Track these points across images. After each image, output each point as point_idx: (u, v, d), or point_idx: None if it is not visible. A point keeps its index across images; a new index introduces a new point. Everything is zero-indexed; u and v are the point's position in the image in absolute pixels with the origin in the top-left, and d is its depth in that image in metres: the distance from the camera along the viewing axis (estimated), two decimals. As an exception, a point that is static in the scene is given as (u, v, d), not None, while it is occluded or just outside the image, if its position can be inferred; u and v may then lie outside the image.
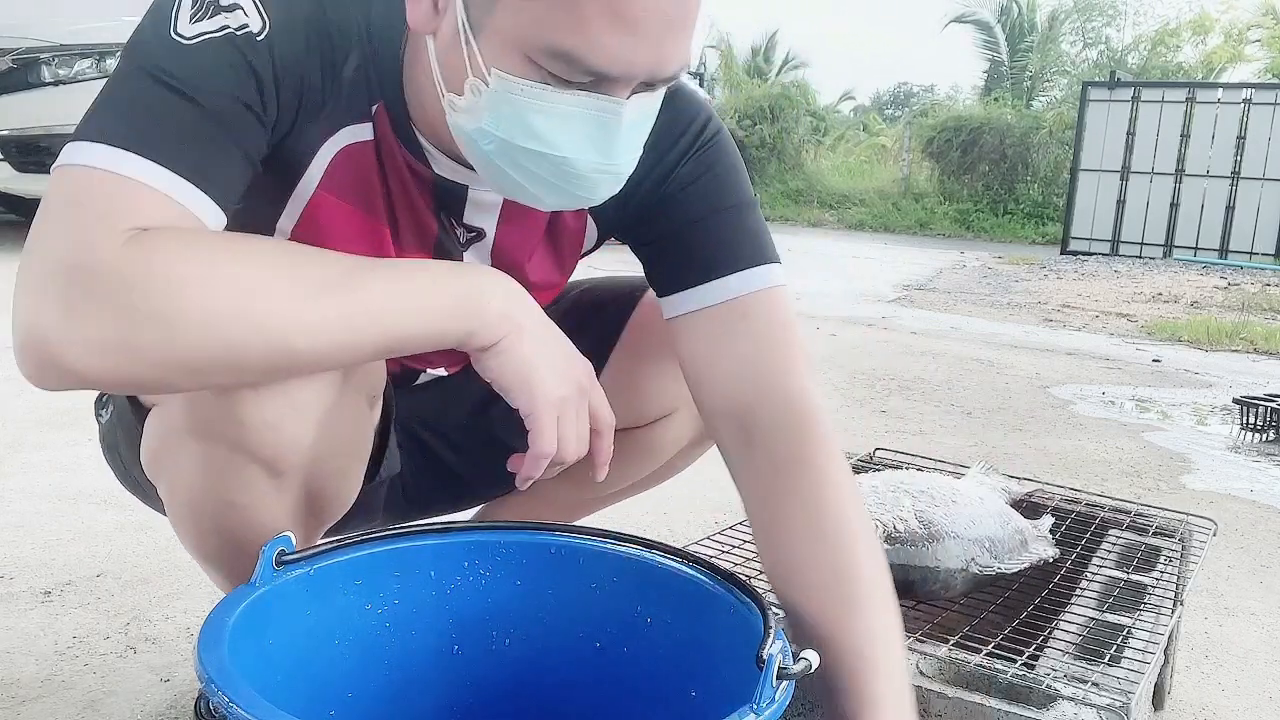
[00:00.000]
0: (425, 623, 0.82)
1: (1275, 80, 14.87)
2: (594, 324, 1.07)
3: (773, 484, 0.85)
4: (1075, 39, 19.57)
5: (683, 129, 0.89)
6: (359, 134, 0.81)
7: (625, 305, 1.09)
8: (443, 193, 0.86)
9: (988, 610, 1.05)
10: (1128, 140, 10.23)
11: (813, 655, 0.64)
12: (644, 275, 0.96)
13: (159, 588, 1.42)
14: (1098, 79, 12.11)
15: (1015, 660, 0.91)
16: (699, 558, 0.81)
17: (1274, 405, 2.90)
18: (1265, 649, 1.51)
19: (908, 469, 1.32)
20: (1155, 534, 1.28)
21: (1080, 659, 0.94)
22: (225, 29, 0.72)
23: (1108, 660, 0.93)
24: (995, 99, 16.85)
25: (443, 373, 1.05)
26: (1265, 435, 2.90)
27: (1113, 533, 1.28)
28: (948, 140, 14.40)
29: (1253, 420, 2.94)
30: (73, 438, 2.04)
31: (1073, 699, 0.84)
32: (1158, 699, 1.26)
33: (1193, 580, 1.15)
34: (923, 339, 4.33)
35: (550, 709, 0.86)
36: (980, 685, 0.87)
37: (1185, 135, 10.03)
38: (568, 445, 0.80)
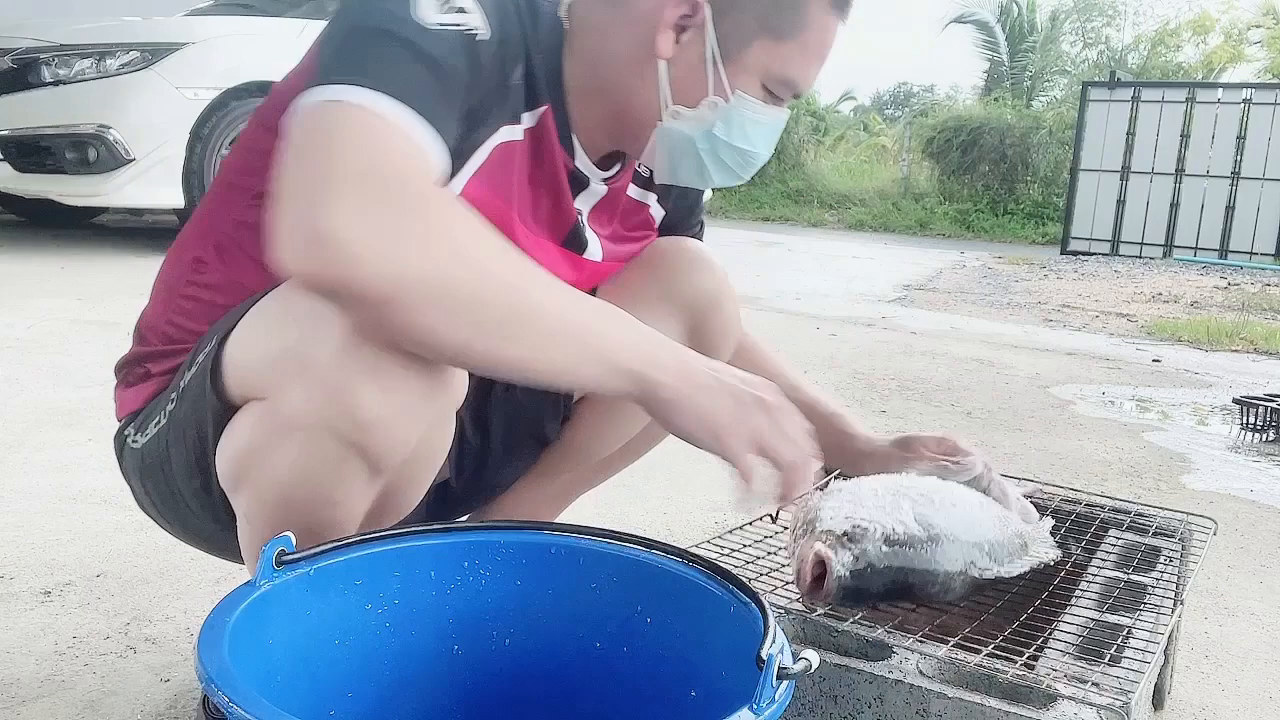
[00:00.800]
0: (425, 623, 0.82)
1: (1275, 80, 14.88)
2: None
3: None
4: (1075, 39, 19.58)
5: None
6: (511, 134, 0.94)
7: None
8: (575, 184, 1.03)
9: (988, 612, 1.05)
10: (1128, 140, 10.23)
11: (813, 655, 0.64)
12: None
13: (159, 588, 1.42)
14: (1098, 79, 12.13)
15: (1015, 660, 0.91)
16: (699, 557, 0.81)
17: (1274, 405, 2.90)
18: (1265, 649, 1.52)
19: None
20: (1155, 534, 1.28)
21: (1080, 659, 0.94)
22: (460, 27, 0.84)
23: (1108, 660, 0.93)
24: (995, 99, 16.85)
25: None
26: (1265, 435, 2.90)
27: (1113, 533, 1.28)
28: (948, 140, 14.40)
29: (1253, 420, 2.95)
30: (73, 438, 2.04)
31: (1073, 699, 0.84)
32: (1158, 699, 1.26)
33: (1193, 580, 1.15)
34: (923, 339, 4.33)
35: (550, 709, 0.86)
36: (980, 685, 0.87)
37: (1185, 135, 10.04)
38: (781, 454, 0.83)
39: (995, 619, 1.03)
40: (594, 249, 1.09)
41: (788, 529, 1.10)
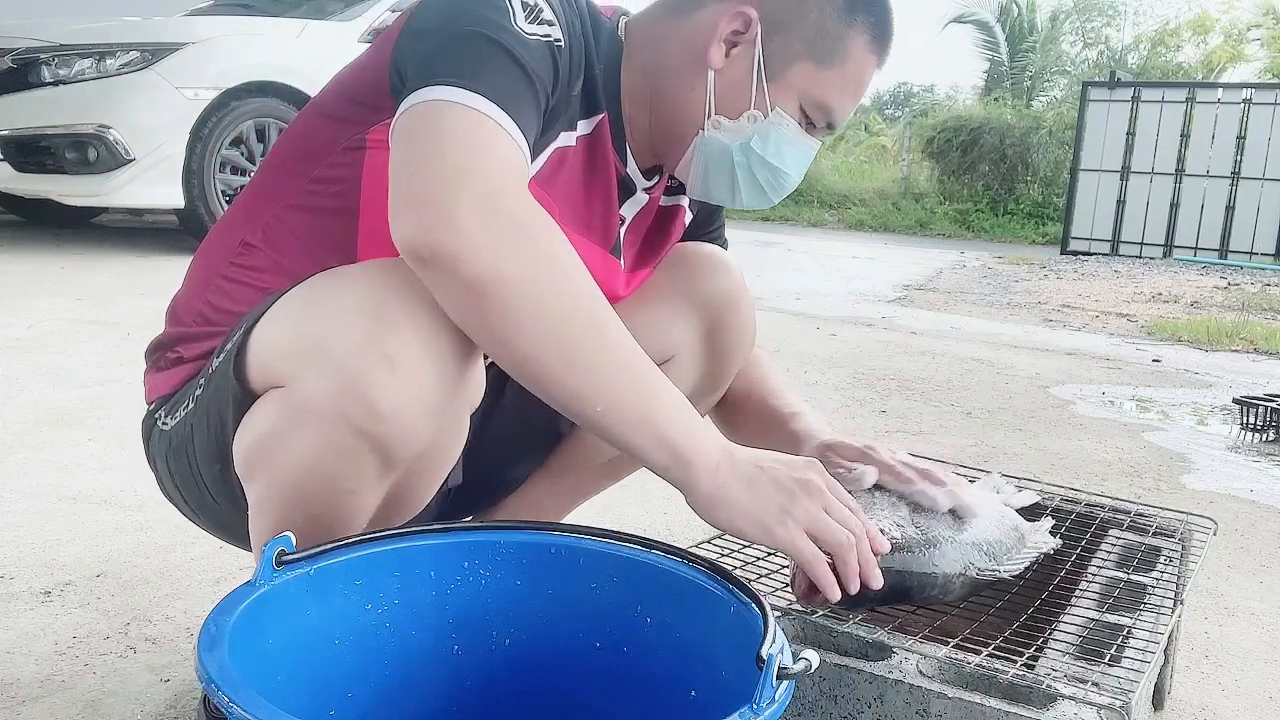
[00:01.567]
0: (425, 623, 0.82)
1: (1275, 80, 14.87)
2: None
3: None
4: (1075, 39, 19.57)
5: None
6: (567, 140, 0.98)
7: None
8: (624, 190, 1.07)
9: (988, 612, 1.05)
10: (1128, 140, 10.23)
11: (813, 655, 0.64)
12: None
13: (159, 588, 1.42)
14: (1098, 79, 12.12)
15: (1015, 661, 0.91)
16: (699, 557, 0.81)
17: (1274, 405, 2.90)
18: (1265, 649, 1.52)
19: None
20: (1155, 534, 1.28)
21: (1080, 659, 0.94)
22: (548, 38, 0.89)
23: (1108, 660, 0.93)
24: (995, 99, 16.85)
25: None
26: (1265, 435, 2.90)
27: (1113, 533, 1.28)
28: (948, 140, 14.39)
29: (1253, 420, 2.94)
30: (73, 438, 2.04)
31: (1073, 699, 0.84)
32: (1158, 699, 1.26)
33: (1193, 580, 1.15)
34: (923, 339, 4.33)
35: (550, 709, 0.86)
36: (980, 686, 0.87)
37: (1185, 135, 10.03)
38: (831, 537, 0.86)
39: (995, 619, 1.03)
40: (622, 258, 1.11)
41: None
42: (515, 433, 1.16)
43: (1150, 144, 10.14)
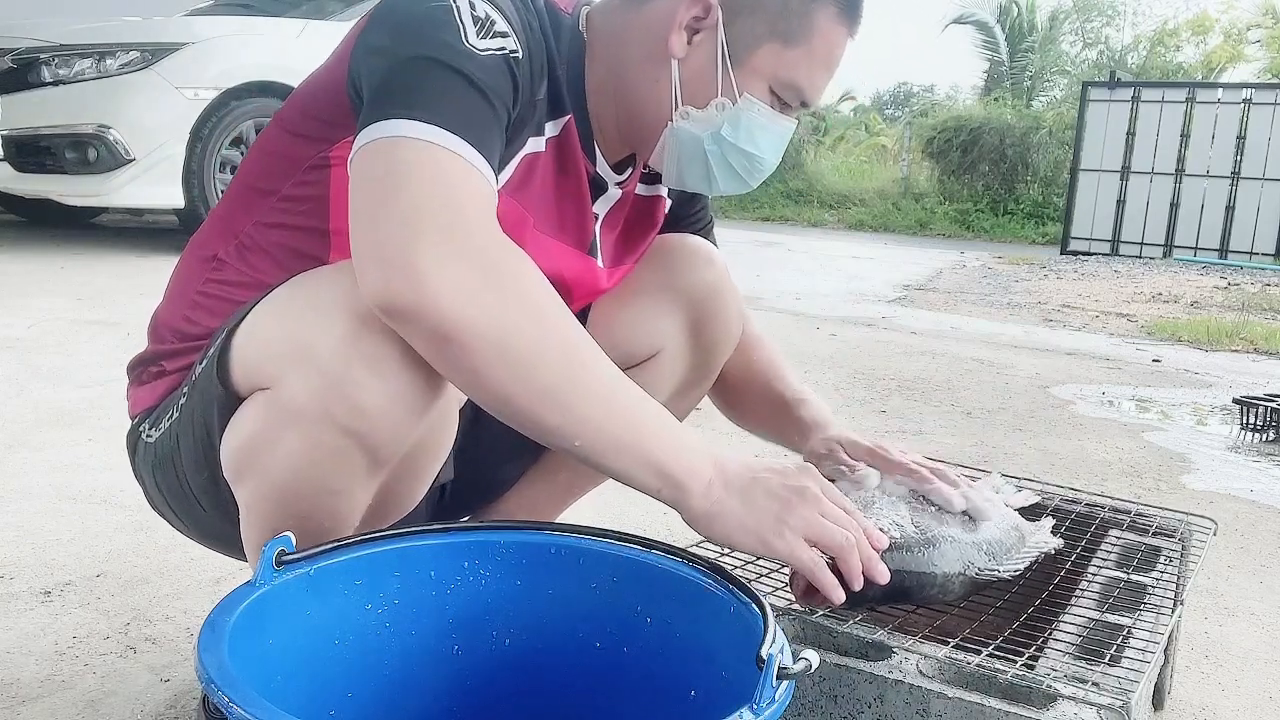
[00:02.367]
0: (425, 623, 0.82)
1: (1275, 80, 14.87)
2: None
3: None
4: (1075, 39, 19.57)
5: None
6: (536, 145, 0.97)
7: None
8: (595, 189, 1.05)
9: (988, 612, 1.05)
10: (1128, 140, 10.22)
11: (813, 655, 0.64)
12: None
13: (159, 588, 1.42)
14: (1098, 79, 12.12)
15: (1015, 661, 0.91)
16: (699, 557, 0.81)
17: (1274, 405, 2.90)
18: (1265, 649, 1.51)
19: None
20: (1155, 534, 1.28)
21: (1080, 659, 0.94)
22: (503, 51, 0.86)
23: (1108, 660, 0.93)
24: (995, 99, 16.84)
25: None
26: (1265, 435, 2.90)
27: (1113, 533, 1.28)
28: (948, 140, 14.38)
29: (1253, 420, 2.94)
30: (73, 438, 2.04)
31: (1073, 699, 0.84)
32: (1158, 699, 1.26)
33: (1193, 580, 1.15)
34: (923, 339, 4.33)
35: (550, 709, 0.86)
36: (980, 686, 0.87)
37: (1185, 135, 10.03)
38: (831, 540, 0.85)
39: (995, 619, 1.03)
40: (599, 255, 1.10)
41: None
42: (507, 430, 1.16)
43: (1150, 144, 10.13)
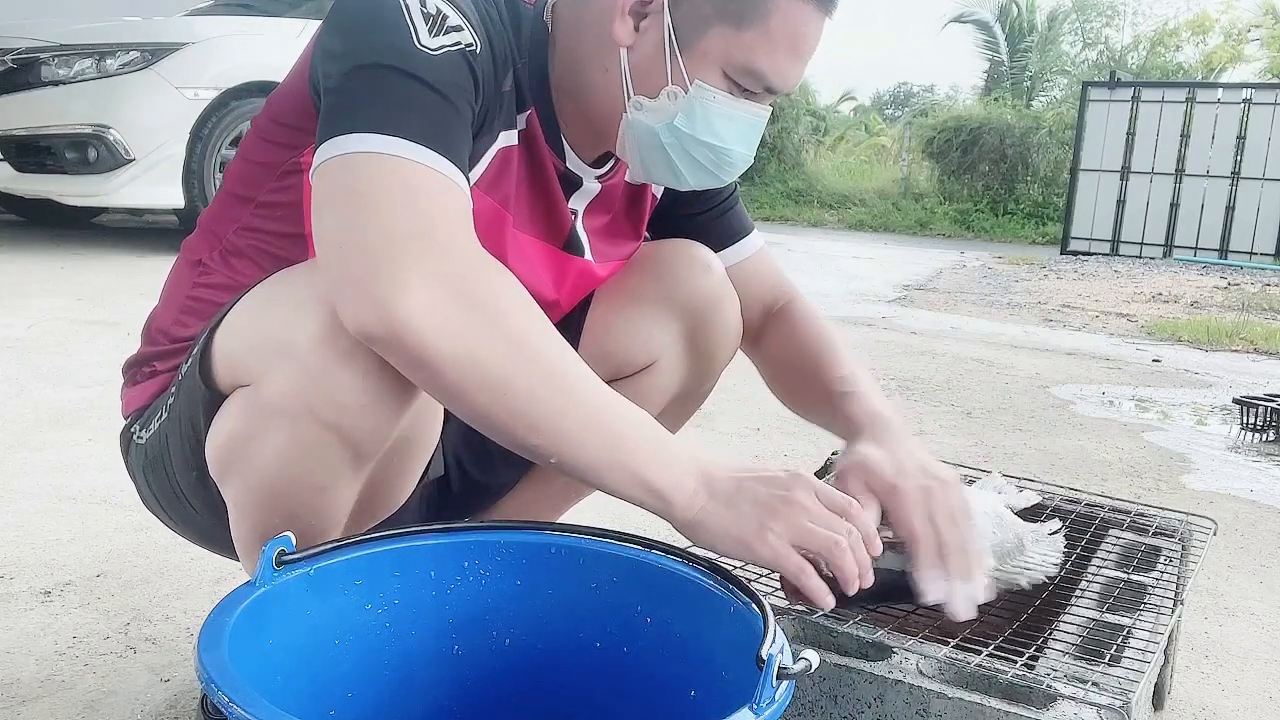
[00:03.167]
0: (425, 623, 0.82)
1: (1275, 80, 14.87)
2: None
3: (779, 325, 1.19)
4: (1075, 39, 19.57)
5: None
6: (509, 139, 0.94)
7: None
8: (567, 184, 1.02)
9: (988, 612, 1.05)
10: (1128, 140, 10.23)
11: (813, 655, 0.64)
12: None
13: (159, 588, 1.42)
14: (1098, 79, 12.12)
15: (1015, 660, 0.91)
16: (699, 557, 0.81)
17: (1274, 405, 2.90)
18: (1265, 649, 1.51)
19: None
20: (1155, 534, 1.28)
21: (1080, 659, 0.94)
22: (458, 45, 0.83)
23: (1108, 660, 0.93)
24: (995, 99, 16.85)
25: None
26: (1265, 435, 2.90)
27: (1113, 533, 1.28)
28: (948, 140, 14.39)
29: (1253, 420, 2.94)
30: (73, 438, 2.04)
31: (1073, 699, 0.84)
32: (1158, 699, 1.26)
33: (1193, 580, 1.15)
34: (923, 339, 4.33)
35: (550, 709, 0.86)
36: (980, 685, 0.87)
37: (1185, 135, 10.03)
38: (818, 544, 0.84)
39: (995, 619, 1.03)
40: (586, 250, 1.08)
41: None
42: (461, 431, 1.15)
43: (1150, 144, 10.14)
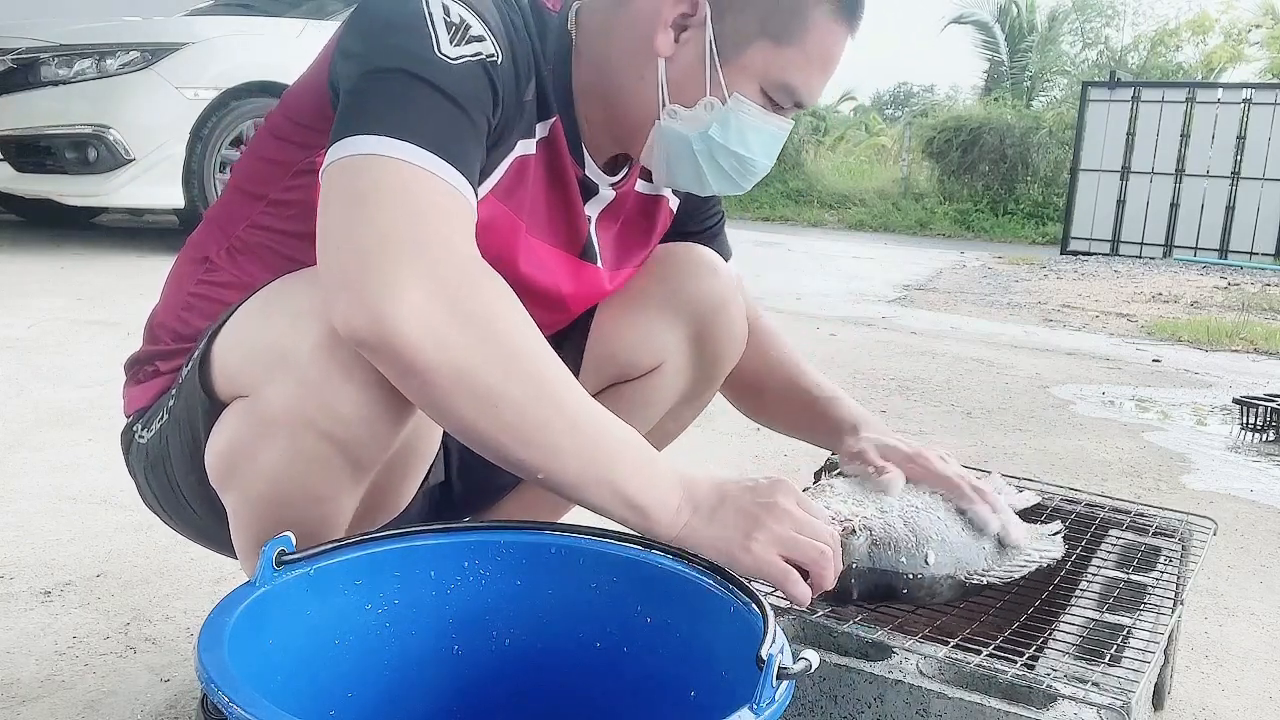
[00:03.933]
0: (425, 623, 0.82)
1: (1275, 80, 14.87)
2: None
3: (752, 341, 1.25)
4: (1075, 39, 19.57)
5: None
6: (526, 148, 0.95)
7: None
8: (585, 191, 1.03)
9: (989, 612, 1.05)
10: (1128, 140, 10.23)
11: (813, 655, 0.64)
12: None
13: (159, 588, 1.42)
14: (1098, 79, 12.12)
15: (1015, 660, 0.91)
16: (699, 557, 0.81)
17: (1274, 405, 2.90)
18: (1265, 649, 1.51)
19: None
20: (1155, 534, 1.28)
21: (1080, 659, 0.94)
22: (479, 56, 0.84)
23: (1108, 660, 0.93)
24: (995, 99, 16.85)
25: None
26: (1265, 435, 2.90)
27: (1113, 533, 1.28)
28: (948, 140, 14.40)
29: (1253, 420, 2.94)
30: (73, 438, 2.04)
31: (1073, 699, 0.84)
32: (1158, 699, 1.26)
33: (1193, 580, 1.15)
34: (923, 339, 4.33)
35: (550, 709, 0.86)
36: (980, 685, 0.87)
37: (1185, 135, 10.03)
38: (802, 554, 0.84)
39: (995, 619, 1.03)
40: (598, 257, 1.08)
41: None
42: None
43: (1150, 144, 10.14)
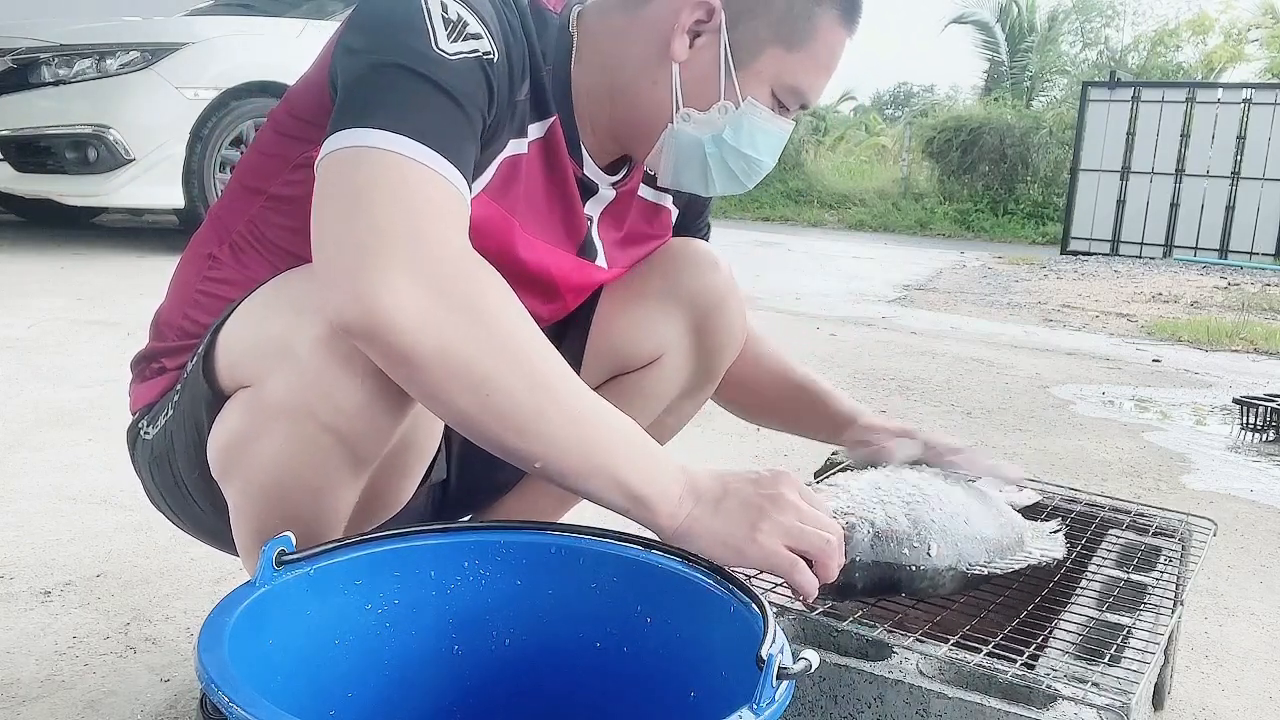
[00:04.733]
0: (425, 623, 0.82)
1: (1275, 80, 14.87)
2: None
3: None
4: (1075, 39, 19.58)
5: None
6: (518, 148, 0.95)
7: None
8: (584, 191, 1.04)
9: (988, 610, 1.05)
10: (1128, 140, 10.23)
11: (813, 655, 0.64)
12: None
13: (159, 588, 1.42)
14: (1098, 79, 12.12)
15: (1015, 660, 0.91)
16: (699, 557, 0.81)
17: (1274, 405, 2.90)
18: (1265, 649, 1.52)
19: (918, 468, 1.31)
20: (1155, 534, 1.28)
21: (1080, 659, 0.94)
22: (476, 53, 0.84)
23: (1108, 660, 0.93)
24: (995, 99, 16.85)
25: None
26: (1265, 435, 2.90)
27: (1113, 532, 1.28)
28: (948, 140, 14.40)
29: (1253, 420, 2.94)
30: (73, 438, 2.04)
31: (1073, 699, 0.84)
32: (1158, 699, 1.26)
33: (1193, 580, 1.15)
34: (923, 339, 4.33)
35: (550, 709, 0.86)
36: (980, 685, 0.87)
37: (1185, 135, 10.04)
38: (807, 544, 0.84)
39: (995, 618, 1.03)
40: (600, 256, 1.09)
41: None
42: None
43: (1150, 144, 10.14)
